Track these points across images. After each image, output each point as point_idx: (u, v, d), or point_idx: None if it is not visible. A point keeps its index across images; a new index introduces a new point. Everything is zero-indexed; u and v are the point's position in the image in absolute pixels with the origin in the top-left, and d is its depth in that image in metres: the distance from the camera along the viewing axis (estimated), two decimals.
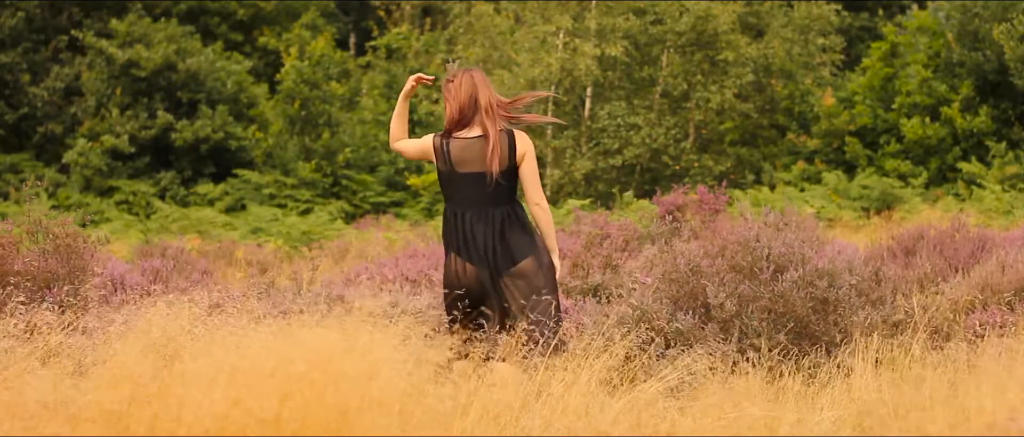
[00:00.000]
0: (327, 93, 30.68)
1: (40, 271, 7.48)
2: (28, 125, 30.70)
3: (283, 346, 4.58)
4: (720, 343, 6.92)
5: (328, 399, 4.42)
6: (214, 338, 4.93)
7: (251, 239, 22.98)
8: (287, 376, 4.44)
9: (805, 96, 29.55)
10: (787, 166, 28.69)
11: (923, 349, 6.95)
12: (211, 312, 5.94)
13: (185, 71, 29.93)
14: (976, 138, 26.98)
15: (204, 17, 33.86)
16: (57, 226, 7.76)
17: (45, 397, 4.63)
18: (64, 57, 31.33)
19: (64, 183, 29.11)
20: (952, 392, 5.48)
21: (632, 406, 5.70)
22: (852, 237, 18.06)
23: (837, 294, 7.13)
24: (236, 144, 29.61)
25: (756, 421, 5.40)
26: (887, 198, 24.94)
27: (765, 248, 7.21)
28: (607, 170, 26.61)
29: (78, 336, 6.22)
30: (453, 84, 6.52)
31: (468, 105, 6.48)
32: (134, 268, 10.85)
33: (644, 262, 8.08)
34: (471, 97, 6.48)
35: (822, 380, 6.76)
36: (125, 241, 21.88)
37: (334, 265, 16.70)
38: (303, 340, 4.60)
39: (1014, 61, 25.85)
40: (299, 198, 28.85)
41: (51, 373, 4.98)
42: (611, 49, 26.03)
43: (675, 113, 27.27)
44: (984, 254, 10.15)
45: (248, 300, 7.07)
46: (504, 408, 5.41)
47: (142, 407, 4.49)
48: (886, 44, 29.68)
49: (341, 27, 37.71)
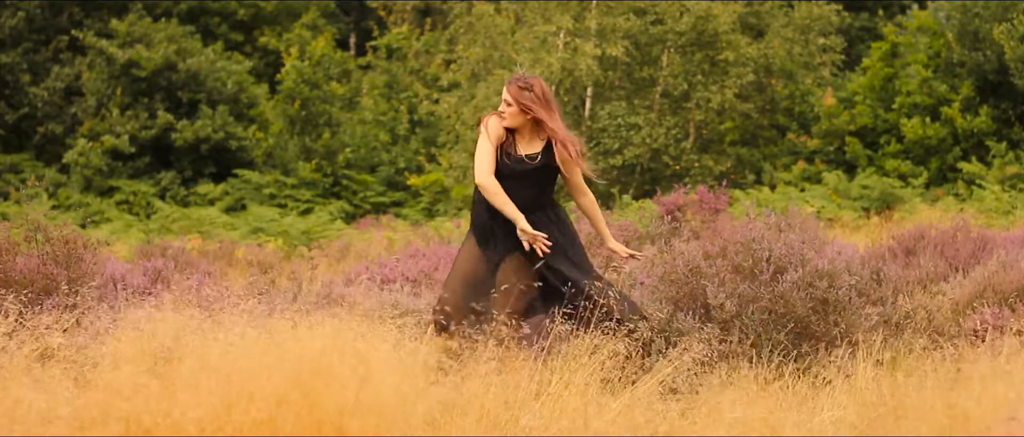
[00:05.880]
0: (327, 93, 30.67)
1: (39, 274, 7.47)
2: (28, 125, 30.69)
3: (281, 347, 4.57)
4: (720, 344, 6.91)
5: (326, 400, 4.41)
6: (212, 339, 4.92)
7: (251, 239, 22.98)
8: (284, 377, 4.44)
9: (805, 96, 29.53)
10: (787, 166, 28.67)
11: (923, 349, 6.94)
12: (210, 313, 5.93)
13: (185, 71, 29.92)
14: (976, 138, 26.97)
15: (204, 17, 33.85)
16: (56, 229, 7.75)
17: (44, 402, 4.62)
18: (64, 57, 31.32)
19: (64, 183, 29.11)
20: (952, 392, 5.47)
21: (631, 406, 5.69)
22: (852, 237, 18.05)
23: (837, 294, 7.12)
24: (236, 144, 29.60)
25: (756, 421, 5.40)
26: (887, 198, 24.93)
27: (766, 249, 7.20)
28: (607, 170, 26.60)
29: (77, 338, 6.21)
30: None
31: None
32: (134, 268, 10.84)
33: (644, 262, 8.07)
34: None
35: (822, 380, 6.75)
36: (125, 241, 21.88)
37: (334, 265, 16.71)
38: (301, 341, 4.59)
39: (1014, 61, 25.83)
40: (299, 198, 28.84)
41: (49, 376, 4.98)
42: (611, 49, 26.01)
43: (675, 113, 27.26)
44: (984, 254, 10.14)
45: (248, 300, 7.07)
46: (504, 408, 5.41)
47: (141, 408, 4.48)
48: (886, 44, 29.66)
49: (341, 27, 37.70)
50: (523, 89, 6.73)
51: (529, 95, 6.72)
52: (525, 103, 6.70)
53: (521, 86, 6.74)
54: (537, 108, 6.71)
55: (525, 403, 5.63)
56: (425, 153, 31.13)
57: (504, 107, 6.78)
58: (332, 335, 4.62)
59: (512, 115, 6.75)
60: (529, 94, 6.72)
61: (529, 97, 6.71)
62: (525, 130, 6.80)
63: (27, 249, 7.76)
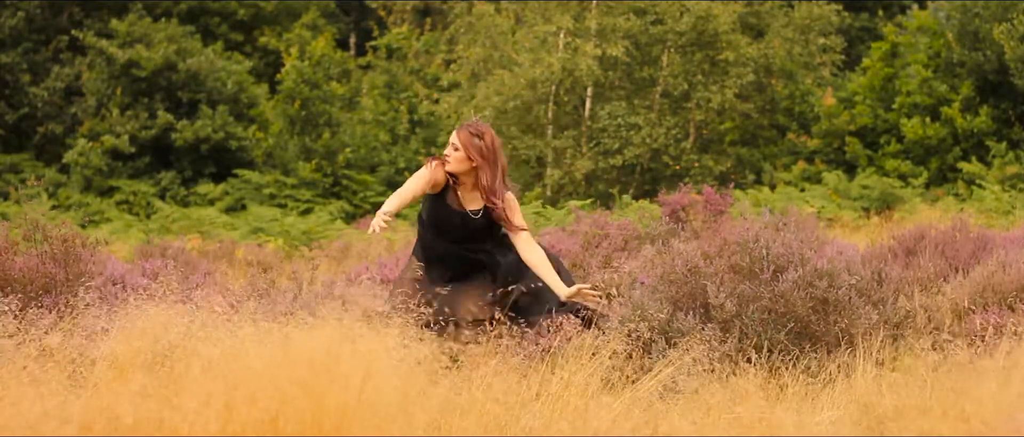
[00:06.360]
0: (327, 93, 30.66)
1: (38, 273, 7.47)
2: (28, 125, 30.69)
3: (281, 347, 4.57)
4: (720, 343, 6.90)
5: (326, 401, 4.41)
6: (213, 339, 4.91)
7: (251, 239, 22.97)
8: (285, 378, 4.43)
9: (805, 96, 29.52)
10: (787, 166, 28.67)
11: (923, 349, 6.94)
12: (210, 313, 5.93)
13: (185, 71, 29.92)
14: (976, 138, 26.96)
15: (204, 17, 33.84)
16: (55, 228, 7.74)
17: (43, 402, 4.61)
18: (64, 57, 31.32)
19: (64, 183, 29.11)
20: (952, 392, 5.47)
21: (632, 406, 5.69)
22: (852, 237, 18.05)
23: (837, 294, 7.12)
24: (236, 144, 29.60)
25: (756, 421, 5.39)
26: (887, 198, 24.92)
27: (764, 248, 7.20)
28: (607, 170, 26.60)
29: (75, 338, 6.20)
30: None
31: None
32: (134, 268, 10.83)
33: (643, 262, 8.07)
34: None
35: (822, 380, 6.75)
36: (125, 241, 21.88)
37: (335, 265, 16.70)
38: (301, 341, 4.59)
39: (1014, 61, 25.83)
40: (299, 198, 28.84)
41: (48, 376, 4.97)
42: (612, 49, 26.01)
43: (675, 113, 27.26)
44: (985, 254, 10.13)
45: (248, 301, 7.06)
46: (504, 409, 5.41)
47: (141, 408, 4.48)
48: (886, 44, 29.65)
49: (341, 27, 37.69)
50: (474, 136, 6.59)
51: (478, 143, 6.57)
52: (471, 151, 6.55)
53: (472, 132, 6.59)
54: (481, 159, 6.56)
55: (525, 403, 5.63)
56: (425, 153, 31.14)
57: (450, 150, 6.62)
58: (334, 335, 4.61)
59: (457, 160, 6.60)
60: (479, 142, 6.57)
61: (477, 146, 6.57)
62: (468, 181, 6.67)
63: (26, 248, 7.76)
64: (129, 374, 4.63)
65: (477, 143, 6.56)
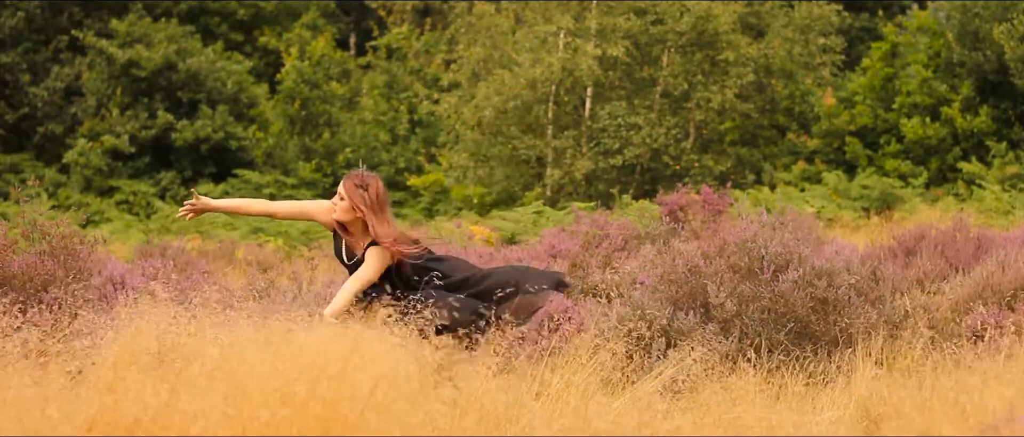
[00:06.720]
0: (327, 93, 30.66)
1: (37, 272, 7.47)
2: (28, 125, 30.68)
3: (282, 348, 4.56)
4: (720, 343, 6.90)
5: (326, 401, 4.40)
6: (213, 340, 4.91)
7: (251, 239, 22.97)
8: (287, 378, 4.43)
9: (805, 96, 29.52)
10: (787, 166, 28.66)
11: (923, 349, 6.94)
12: (211, 314, 5.93)
13: (185, 71, 29.91)
14: (976, 138, 26.96)
15: (204, 17, 33.84)
16: (53, 227, 7.73)
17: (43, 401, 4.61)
18: (64, 57, 31.31)
19: (64, 183, 29.10)
20: (952, 392, 5.47)
21: (632, 406, 5.69)
22: (852, 237, 18.05)
23: (837, 294, 7.11)
24: (236, 144, 29.60)
25: (756, 421, 5.39)
26: (887, 198, 24.92)
27: (762, 248, 7.20)
28: (607, 170, 26.59)
29: (75, 339, 6.20)
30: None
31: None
32: (134, 268, 10.83)
33: (643, 262, 8.06)
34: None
35: (822, 380, 6.75)
36: (125, 241, 21.88)
37: (335, 265, 16.69)
38: (302, 341, 4.59)
39: (1014, 61, 25.83)
40: (299, 198, 28.85)
41: (48, 377, 4.97)
42: (612, 49, 26.01)
43: (675, 113, 27.26)
44: (984, 254, 10.13)
45: (248, 301, 7.06)
46: (504, 408, 5.40)
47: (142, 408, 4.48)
48: (886, 44, 29.65)
49: (341, 27, 37.69)
50: (358, 187, 6.59)
51: (362, 194, 6.57)
52: (355, 201, 6.56)
53: (357, 184, 6.58)
54: (366, 209, 6.57)
55: (525, 403, 5.63)
56: (425, 153, 31.13)
57: (337, 200, 6.63)
58: (336, 335, 4.61)
59: (343, 210, 6.61)
60: (362, 193, 6.57)
61: (361, 196, 6.56)
62: (357, 229, 6.65)
63: (25, 247, 7.75)
64: (128, 374, 4.63)
65: (361, 194, 6.55)
